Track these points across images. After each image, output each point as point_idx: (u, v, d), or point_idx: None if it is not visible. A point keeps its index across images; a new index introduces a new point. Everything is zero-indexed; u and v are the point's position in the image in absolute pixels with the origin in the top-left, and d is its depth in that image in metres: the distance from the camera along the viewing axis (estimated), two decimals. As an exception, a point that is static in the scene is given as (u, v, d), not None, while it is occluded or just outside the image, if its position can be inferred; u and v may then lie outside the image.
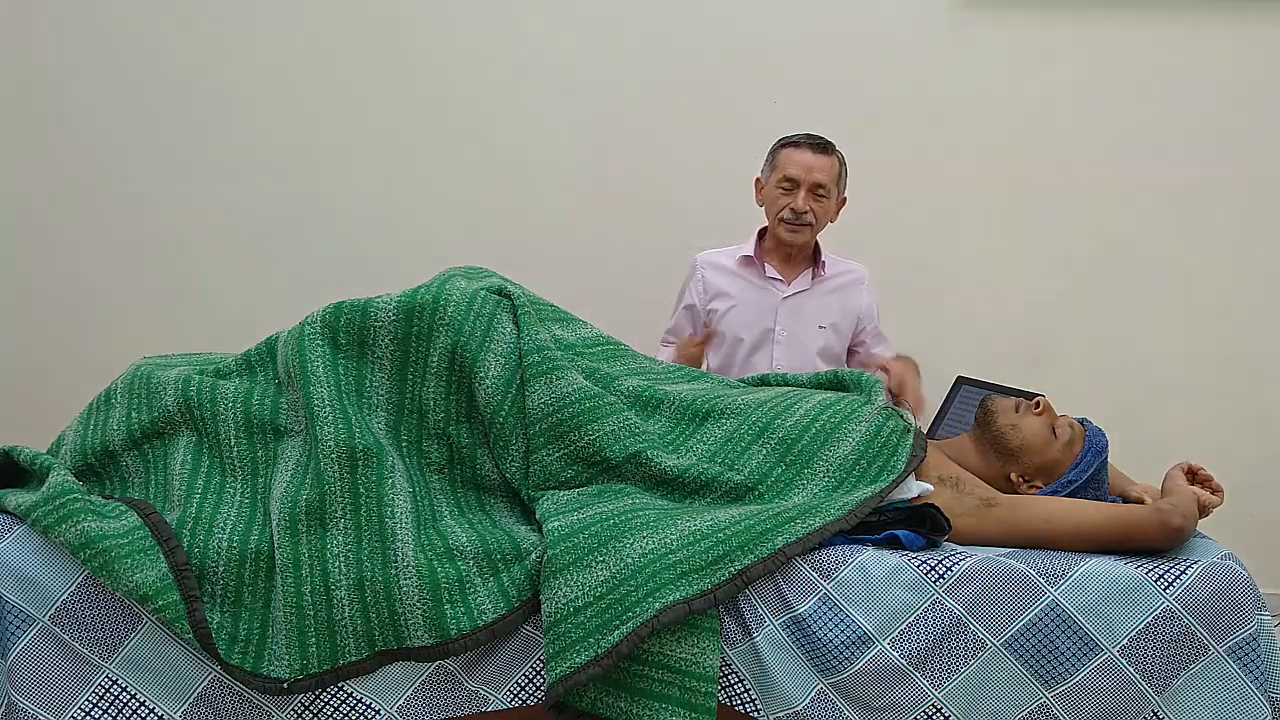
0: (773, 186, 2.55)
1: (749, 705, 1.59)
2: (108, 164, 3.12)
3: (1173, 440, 2.93)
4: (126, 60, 3.09)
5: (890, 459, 1.78)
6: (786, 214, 2.52)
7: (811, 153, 2.51)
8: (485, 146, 3.09)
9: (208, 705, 1.60)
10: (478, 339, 1.79)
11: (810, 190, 2.51)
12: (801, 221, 2.52)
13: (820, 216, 2.55)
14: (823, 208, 2.54)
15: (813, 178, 2.50)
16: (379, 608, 1.57)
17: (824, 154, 2.52)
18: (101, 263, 3.14)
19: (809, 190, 2.51)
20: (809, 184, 2.50)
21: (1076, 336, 3.03)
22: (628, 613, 1.50)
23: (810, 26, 3.01)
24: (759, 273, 2.64)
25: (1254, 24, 2.91)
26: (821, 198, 2.53)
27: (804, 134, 2.56)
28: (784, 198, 2.53)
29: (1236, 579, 1.59)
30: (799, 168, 2.50)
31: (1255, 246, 2.98)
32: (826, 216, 2.58)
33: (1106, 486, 1.85)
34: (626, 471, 1.76)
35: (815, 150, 2.51)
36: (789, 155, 2.53)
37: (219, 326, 3.07)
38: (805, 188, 2.50)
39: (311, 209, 3.12)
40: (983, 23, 2.97)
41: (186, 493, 1.70)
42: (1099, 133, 2.98)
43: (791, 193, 2.52)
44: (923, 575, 1.59)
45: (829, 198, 2.54)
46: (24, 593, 1.59)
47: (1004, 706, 1.58)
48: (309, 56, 3.07)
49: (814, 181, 2.50)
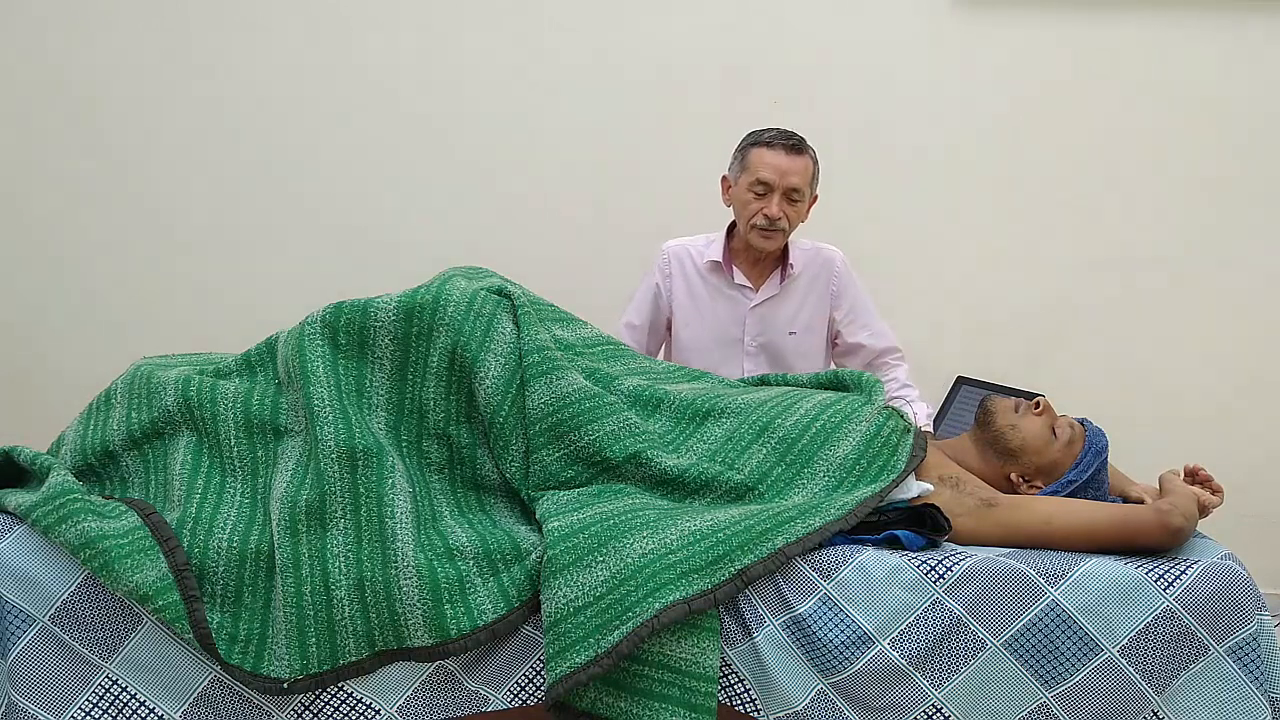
0: (744, 189, 2.39)
1: (749, 705, 1.59)
2: (108, 163, 3.12)
3: (1172, 440, 2.93)
4: (127, 59, 3.09)
5: (890, 459, 1.78)
6: (760, 220, 2.37)
7: (785, 154, 2.35)
8: (485, 146, 3.09)
9: (208, 705, 1.60)
10: (478, 339, 1.79)
11: (785, 195, 2.36)
12: (776, 228, 2.38)
13: (793, 221, 2.41)
14: (796, 212, 2.40)
15: (787, 182, 2.35)
16: (379, 608, 1.57)
17: (798, 154, 2.36)
18: (101, 262, 3.14)
19: (783, 195, 2.36)
20: (783, 188, 2.35)
21: (1076, 336, 3.03)
22: (628, 613, 1.50)
23: (810, 26, 3.01)
24: (727, 280, 2.52)
25: (1254, 24, 2.91)
26: (796, 202, 2.38)
27: (776, 130, 2.40)
28: (756, 202, 2.37)
29: (1236, 579, 1.58)
30: (773, 171, 2.34)
31: (1255, 245, 2.98)
32: (799, 219, 2.44)
33: (1106, 487, 1.85)
34: (626, 471, 1.76)
35: (789, 151, 2.36)
36: (761, 156, 2.36)
37: (219, 326, 3.07)
38: (779, 192, 2.35)
39: (311, 209, 3.12)
40: (983, 23, 2.97)
41: (186, 493, 1.70)
42: (1099, 132, 2.98)
43: (764, 197, 2.36)
44: (923, 575, 1.59)
45: (803, 201, 2.41)
46: (24, 593, 1.59)
47: (1004, 706, 1.57)
48: (308, 57, 3.07)
49: (789, 185, 2.35)
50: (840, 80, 3.01)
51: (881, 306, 2.72)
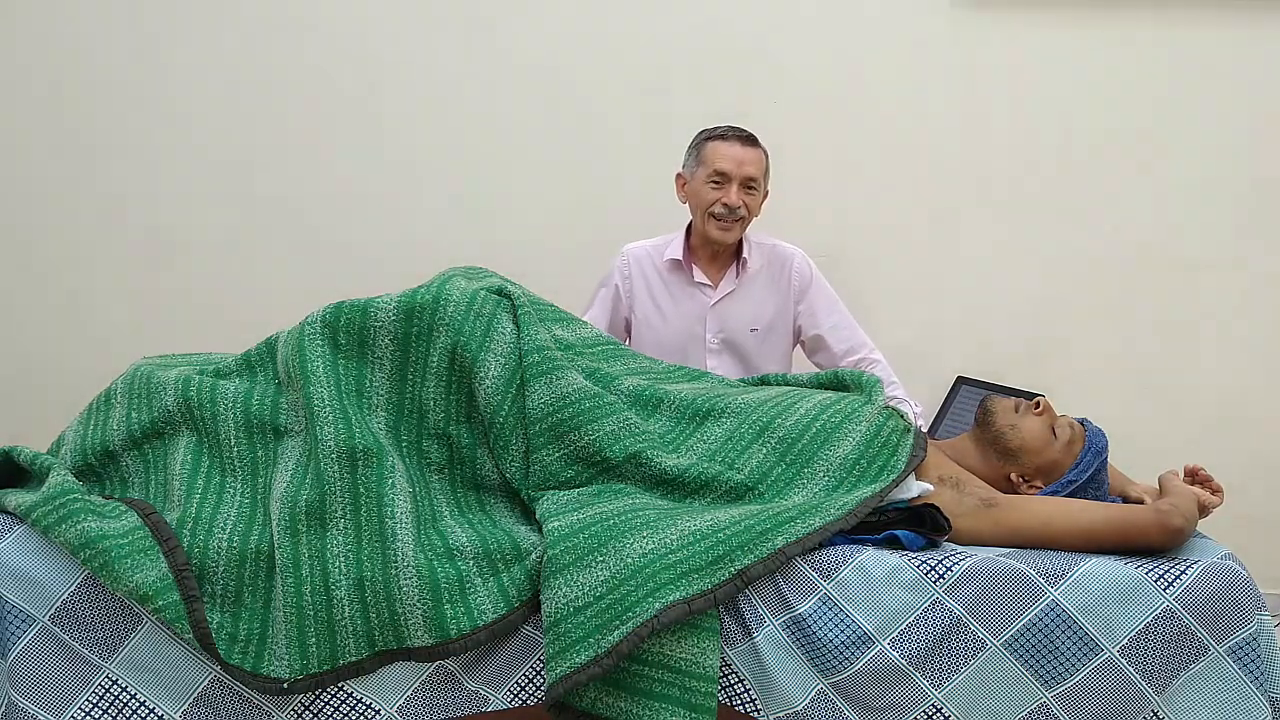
0: (700, 182, 2.46)
1: (749, 705, 1.59)
2: (108, 163, 3.12)
3: (1173, 440, 2.93)
4: (126, 59, 3.08)
5: (890, 459, 1.78)
6: (719, 209, 2.43)
7: (740, 145, 2.43)
8: (485, 146, 3.09)
9: (208, 705, 1.60)
10: (478, 339, 1.79)
11: (742, 184, 2.43)
12: (734, 217, 2.45)
13: (751, 211, 2.48)
14: (754, 201, 2.48)
15: (744, 171, 2.43)
16: (379, 608, 1.57)
17: (752, 146, 2.45)
18: (101, 263, 3.14)
19: (741, 184, 2.43)
20: (740, 178, 2.43)
21: (1077, 336, 3.03)
22: (628, 613, 1.50)
23: (810, 26, 3.01)
24: (687, 278, 2.56)
25: (1254, 23, 2.91)
26: (752, 191, 2.46)
27: (728, 126, 2.48)
28: (714, 192, 2.44)
29: (1236, 579, 1.59)
30: (730, 161, 2.42)
31: (1255, 245, 2.98)
32: (755, 212, 2.50)
33: (1106, 486, 1.85)
34: (626, 471, 1.76)
35: (744, 143, 2.44)
36: (716, 149, 2.44)
37: (219, 326, 3.07)
38: (737, 182, 2.43)
39: (311, 208, 3.11)
40: (983, 23, 2.97)
41: (186, 493, 1.70)
42: (1098, 132, 2.98)
43: (723, 187, 2.43)
44: (923, 575, 1.59)
45: (758, 191, 2.48)
46: (24, 593, 1.59)
47: (1004, 706, 1.58)
48: (307, 56, 3.07)
49: (745, 175, 2.43)
50: (840, 80, 3.01)
51: (880, 307, 2.71)
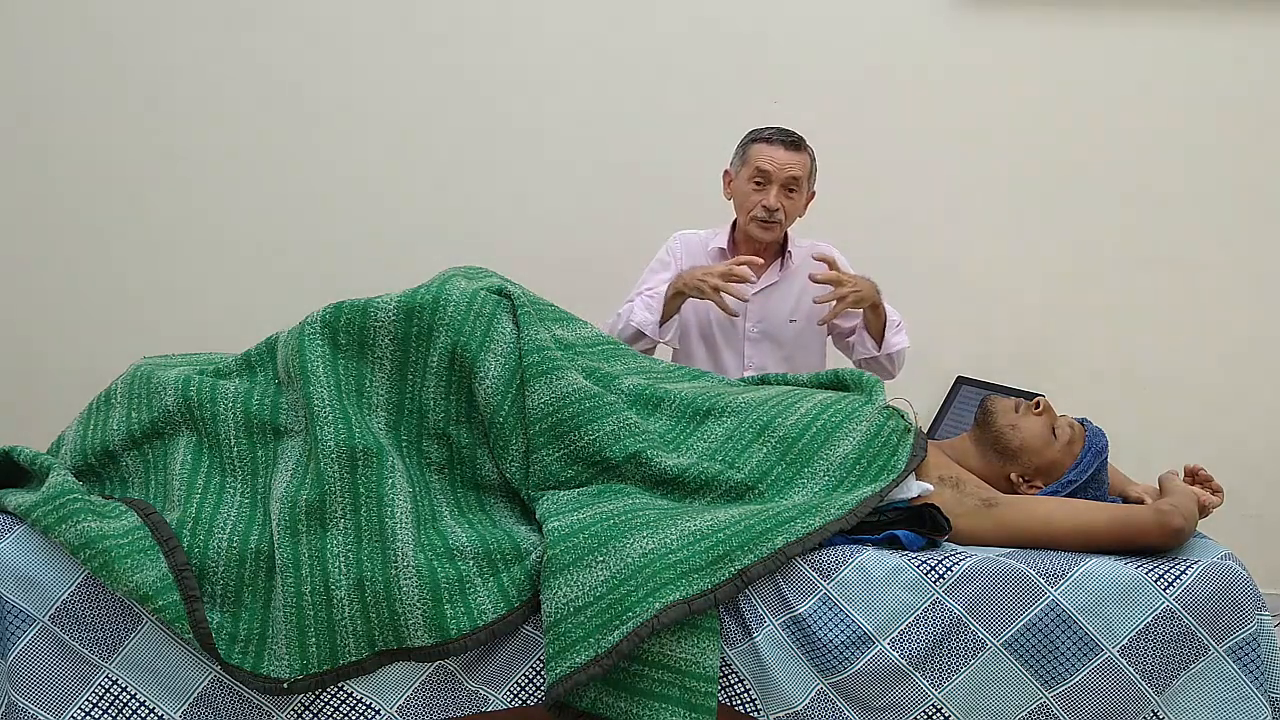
0: (744, 181, 2.52)
1: (749, 705, 1.59)
2: (107, 163, 3.12)
3: (1173, 440, 2.94)
4: (126, 58, 3.09)
5: (890, 458, 1.78)
6: (759, 212, 2.49)
7: (784, 149, 2.48)
8: (485, 145, 3.09)
9: (208, 705, 1.59)
10: (478, 339, 1.79)
11: (783, 186, 2.48)
12: (773, 219, 2.50)
13: (790, 213, 2.53)
14: (794, 204, 2.52)
15: (786, 173, 2.47)
16: (379, 608, 1.57)
17: (796, 150, 2.50)
18: (101, 263, 3.14)
19: (781, 186, 2.48)
20: (782, 180, 2.48)
21: (1077, 336, 3.03)
22: (628, 612, 1.50)
23: (810, 25, 3.01)
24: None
25: (1254, 24, 2.91)
26: (793, 194, 2.51)
27: (774, 128, 2.53)
28: (756, 194, 2.50)
29: (1236, 579, 1.59)
30: (772, 163, 2.47)
31: (1255, 244, 2.98)
32: (796, 212, 2.56)
33: (1106, 486, 1.85)
34: (627, 471, 1.76)
35: (788, 146, 2.49)
36: (761, 150, 2.50)
37: (219, 326, 3.07)
38: (778, 183, 2.48)
39: (311, 208, 3.12)
40: (983, 22, 2.97)
41: (186, 493, 1.70)
42: (1099, 132, 2.98)
43: (764, 189, 2.49)
44: (923, 575, 1.59)
45: (800, 193, 2.53)
46: (24, 593, 1.59)
47: (1004, 706, 1.57)
48: (307, 56, 3.07)
49: (787, 177, 2.48)
50: (840, 79, 3.01)
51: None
